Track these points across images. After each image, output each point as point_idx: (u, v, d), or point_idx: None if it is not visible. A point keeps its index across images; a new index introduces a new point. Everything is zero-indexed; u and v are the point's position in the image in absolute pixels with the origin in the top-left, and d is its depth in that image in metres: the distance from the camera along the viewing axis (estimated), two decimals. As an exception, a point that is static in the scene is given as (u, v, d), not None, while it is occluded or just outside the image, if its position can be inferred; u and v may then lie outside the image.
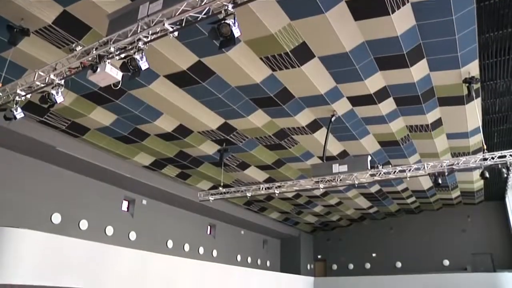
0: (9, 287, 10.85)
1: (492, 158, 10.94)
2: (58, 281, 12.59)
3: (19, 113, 8.78)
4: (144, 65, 7.15)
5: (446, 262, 27.55)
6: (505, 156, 10.80)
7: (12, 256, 11.57)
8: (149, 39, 7.01)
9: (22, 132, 13.00)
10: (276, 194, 14.57)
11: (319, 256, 32.48)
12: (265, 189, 14.48)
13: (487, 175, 11.51)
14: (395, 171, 12.47)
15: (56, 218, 15.81)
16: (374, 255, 30.10)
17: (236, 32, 6.59)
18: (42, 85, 8.04)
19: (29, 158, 15.12)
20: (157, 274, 16.05)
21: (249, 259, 27.42)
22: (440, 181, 12.09)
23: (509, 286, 22.72)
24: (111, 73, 7.20)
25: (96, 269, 13.76)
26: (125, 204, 19.25)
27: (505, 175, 11.36)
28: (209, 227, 24.54)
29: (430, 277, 24.40)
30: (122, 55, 7.19)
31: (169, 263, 16.84)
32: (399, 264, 28.94)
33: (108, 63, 7.15)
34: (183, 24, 6.70)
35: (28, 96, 8.52)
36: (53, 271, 12.45)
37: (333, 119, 13.61)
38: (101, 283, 13.95)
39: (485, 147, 11.49)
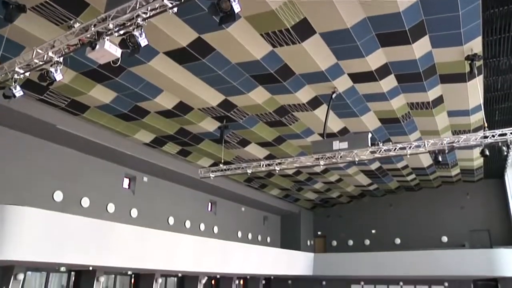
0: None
1: (493, 136, 10.89)
2: (61, 258, 12.78)
3: (18, 91, 8.72)
4: (143, 41, 7.07)
5: (445, 239, 27.84)
6: (505, 134, 10.74)
7: (15, 233, 11.70)
8: (148, 15, 6.91)
9: (22, 110, 12.98)
10: (277, 171, 14.57)
11: (319, 233, 32.80)
12: (266, 166, 14.48)
13: (487, 153, 11.49)
14: (395, 148, 12.43)
15: (58, 196, 15.92)
16: (373, 231, 30.40)
17: (236, 8, 6.49)
18: (41, 63, 7.96)
19: (30, 136, 15.13)
20: (158, 251, 16.26)
21: (249, 236, 27.71)
22: (440, 159, 12.10)
23: (505, 261, 23.03)
24: (110, 50, 7.12)
25: (98, 246, 13.94)
26: (126, 182, 19.35)
27: (505, 153, 11.34)
28: (209, 203, 24.72)
29: (429, 253, 24.72)
30: (121, 32, 7.09)
31: (171, 240, 17.04)
32: (398, 241, 29.25)
33: (107, 40, 7.06)
34: (182, 0, 6.59)
35: (27, 74, 8.44)
36: (55, 248, 12.62)
37: (333, 96, 13.54)
38: (103, 259, 14.16)
39: (486, 125, 11.44)
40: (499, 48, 11.68)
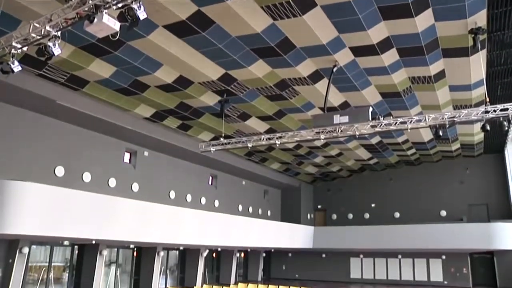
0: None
1: (494, 111, 10.81)
2: (64, 232, 12.93)
3: (16, 67, 8.63)
4: (142, 14, 6.95)
5: (443, 213, 28.11)
6: (507, 109, 10.66)
7: (19, 208, 11.81)
8: (146, -12, 6.78)
9: (21, 86, 12.91)
10: (277, 145, 14.56)
11: (319, 206, 33.10)
12: (266, 139, 14.46)
13: (488, 128, 11.46)
14: (396, 123, 12.37)
15: (60, 171, 16.00)
16: (373, 205, 30.67)
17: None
18: (38, 37, 7.84)
19: (30, 112, 15.11)
20: (160, 224, 16.43)
21: (250, 209, 27.97)
22: (440, 133, 12.04)
23: (502, 235, 23.32)
24: (109, 23, 7.00)
25: (100, 220, 14.08)
26: (127, 156, 19.41)
27: (506, 128, 11.25)
28: (210, 177, 24.86)
29: (427, 227, 25.00)
30: (120, 5, 6.95)
31: (172, 213, 17.20)
32: (397, 215, 29.54)
33: (105, 13, 6.93)
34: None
35: (25, 48, 8.32)
36: (58, 222, 12.75)
37: (334, 69, 13.43)
38: (105, 233, 14.32)
39: (487, 99, 11.37)
40: (504, 21, 11.47)
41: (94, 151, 17.43)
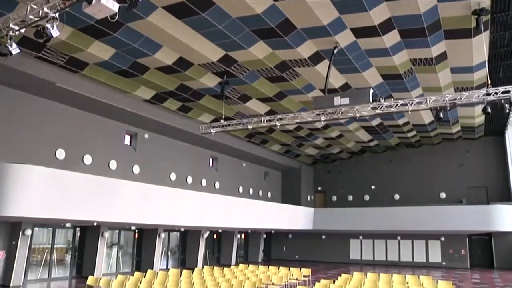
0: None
1: (496, 93, 10.75)
2: (65, 214, 13.01)
3: (14, 49, 8.56)
4: (140, -5, 6.89)
5: (443, 195, 28.24)
6: (509, 92, 10.59)
7: (20, 191, 11.86)
8: (144, -32, 6.68)
9: (20, 68, 12.84)
10: (278, 127, 14.53)
11: (319, 188, 33.24)
12: (267, 121, 14.44)
13: (489, 110, 11.41)
14: (397, 105, 12.34)
15: (60, 154, 16.03)
16: (373, 187, 30.80)
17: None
18: (36, 18, 7.75)
19: (30, 95, 15.08)
20: (161, 206, 16.52)
21: (250, 191, 28.10)
22: (441, 116, 12.00)
23: (500, 217, 23.48)
24: (107, 4, 6.91)
25: (101, 202, 14.16)
26: (127, 138, 19.42)
27: (507, 111, 11.19)
28: (211, 159, 24.91)
29: (427, 209, 25.14)
30: (118, -15, 6.89)
31: (173, 195, 17.28)
32: (397, 196, 29.68)
33: (104, -6, 6.86)
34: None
35: (22, 30, 8.25)
36: (60, 205, 12.83)
37: (335, 51, 13.33)
38: (107, 215, 14.41)
39: (489, 82, 11.29)
40: (508, 1, 11.24)
41: (95, 133, 17.44)
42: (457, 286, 16.09)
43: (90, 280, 11.95)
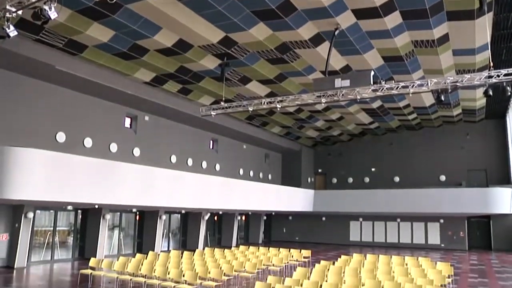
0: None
1: (498, 75, 10.63)
2: (66, 197, 13.07)
3: (12, 31, 8.47)
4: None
5: (443, 178, 28.33)
6: (511, 74, 10.52)
7: (21, 174, 11.89)
8: None
9: (19, 51, 12.75)
10: (278, 109, 14.47)
11: (319, 170, 33.33)
12: (267, 103, 14.37)
13: (490, 93, 11.34)
14: (397, 87, 12.25)
15: (61, 137, 16.03)
16: (373, 169, 30.88)
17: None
18: (33, 0, 7.67)
19: (29, 78, 15.02)
20: (162, 188, 16.58)
21: (251, 173, 28.18)
22: (442, 98, 11.92)
23: (499, 199, 23.60)
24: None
25: (102, 185, 14.20)
26: (127, 121, 19.39)
27: (509, 93, 11.11)
28: (211, 141, 24.92)
29: (426, 191, 25.26)
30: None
31: (173, 177, 17.33)
32: (397, 179, 29.77)
33: (101, -25, 6.78)
34: None
35: (20, 12, 8.15)
36: (61, 187, 12.88)
37: (336, 32, 13.20)
38: (107, 198, 14.48)
39: (491, 64, 11.18)
40: (512, -18, 11.16)
41: (95, 116, 17.41)
42: (456, 268, 16.25)
43: (92, 262, 12.08)
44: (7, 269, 14.15)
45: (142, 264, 11.57)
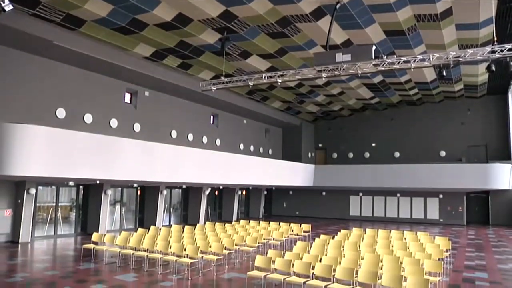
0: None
1: (501, 50, 10.50)
2: (67, 173, 13.12)
3: (7, 5, 8.35)
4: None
5: (443, 153, 28.41)
6: (514, 49, 10.39)
7: (22, 150, 11.90)
8: None
9: (16, 26, 12.58)
10: (278, 83, 14.39)
11: (320, 145, 33.39)
12: (267, 78, 14.27)
13: (493, 68, 11.24)
14: (399, 62, 12.13)
15: (61, 113, 16.00)
16: (373, 144, 30.93)
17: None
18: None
19: (27, 54, 14.88)
20: (162, 163, 16.64)
21: (251, 148, 28.23)
22: (444, 73, 11.85)
23: (499, 175, 23.69)
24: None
25: (103, 160, 14.25)
26: (127, 97, 19.31)
27: (512, 69, 11.01)
28: (212, 116, 24.88)
29: (426, 167, 25.34)
30: None
31: (174, 153, 17.36)
32: (397, 154, 29.85)
33: None
34: None
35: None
36: (62, 163, 12.91)
37: (338, 6, 12.99)
38: (109, 173, 14.54)
39: (495, 39, 11.03)
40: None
41: (95, 92, 17.33)
42: (453, 242, 16.45)
43: (94, 237, 12.22)
44: (12, 244, 14.35)
45: (144, 239, 11.71)
